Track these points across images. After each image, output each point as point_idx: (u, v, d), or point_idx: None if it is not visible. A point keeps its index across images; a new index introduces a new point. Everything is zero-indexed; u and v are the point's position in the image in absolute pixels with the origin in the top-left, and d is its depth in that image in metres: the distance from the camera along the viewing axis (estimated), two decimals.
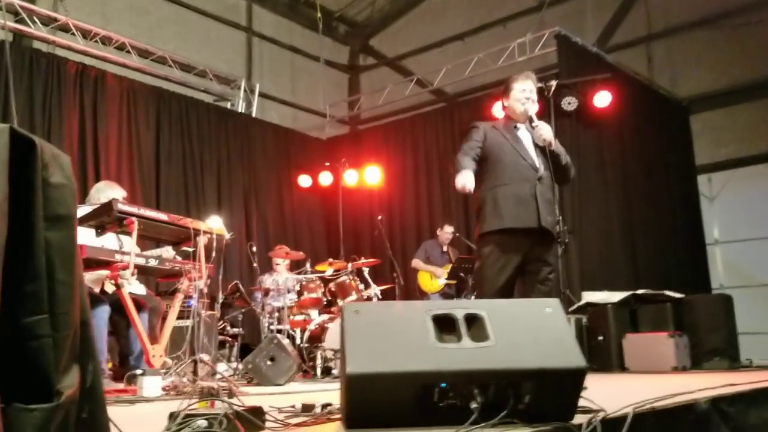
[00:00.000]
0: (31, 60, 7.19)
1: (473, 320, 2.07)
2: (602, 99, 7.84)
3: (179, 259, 5.73)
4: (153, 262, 4.18)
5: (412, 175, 9.73)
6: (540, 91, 7.86)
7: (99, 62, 7.98)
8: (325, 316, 6.66)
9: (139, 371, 3.89)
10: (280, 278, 7.47)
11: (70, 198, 1.10)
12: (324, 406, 2.38)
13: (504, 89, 4.09)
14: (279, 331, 6.51)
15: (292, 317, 6.69)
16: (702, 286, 9.48)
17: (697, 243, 9.72)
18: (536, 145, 3.95)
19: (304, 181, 9.95)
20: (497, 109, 8.39)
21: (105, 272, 4.15)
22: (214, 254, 4.91)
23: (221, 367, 6.54)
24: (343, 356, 1.96)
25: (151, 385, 3.73)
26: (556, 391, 1.99)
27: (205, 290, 4.68)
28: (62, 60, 7.50)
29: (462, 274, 7.30)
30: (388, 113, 10.60)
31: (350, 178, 9.72)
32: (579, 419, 2.03)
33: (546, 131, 3.91)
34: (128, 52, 8.18)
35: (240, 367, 6.70)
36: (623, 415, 2.22)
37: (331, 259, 7.00)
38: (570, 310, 7.10)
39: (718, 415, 2.94)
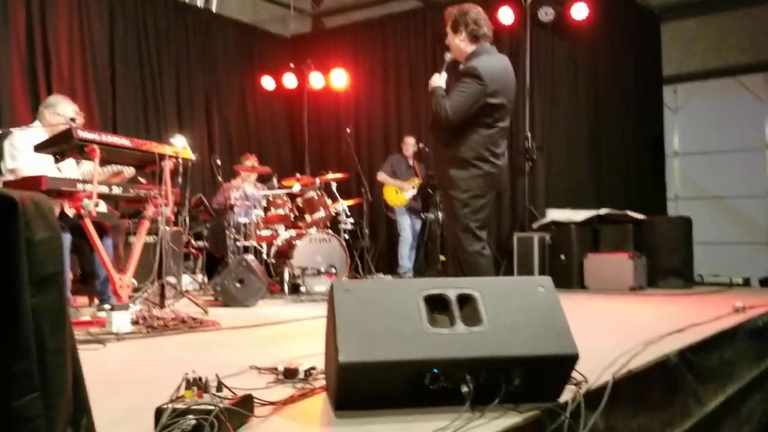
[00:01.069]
0: None
1: (466, 300, 2.04)
2: (579, 11, 7.60)
3: (143, 182, 5.57)
4: (117, 190, 4.01)
5: (380, 81, 9.44)
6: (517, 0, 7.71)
7: None
8: (293, 232, 6.61)
9: (107, 306, 3.81)
10: (247, 189, 7.33)
11: (57, 251, 0.98)
12: (307, 372, 2.36)
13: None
14: (245, 249, 6.46)
15: (258, 232, 6.62)
16: (659, 196, 9.70)
17: (657, 154, 9.81)
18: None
19: (268, 83, 9.58)
20: None
21: None
22: (180, 178, 4.76)
23: (186, 279, 6.53)
24: (333, 341, 1.91)
25: (120, 320, 3.66)
26: (547, 374, 2.00)
27: (172, 217, 4.53)
28: None
29: (429, 191, 7.26)
30: (355, 5, 10.10)
31: (316, 81, 9.41)
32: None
33: (431, 81, 3.92)
34: None
35: (205, 280, 6.70)
36: (604, 384, 2.26)
37: (298, 175, 6.87)
38: (534, 227, 7.20)
39: (685, 366, 3.04)
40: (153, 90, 8.23)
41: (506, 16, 7.88)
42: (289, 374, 2.37)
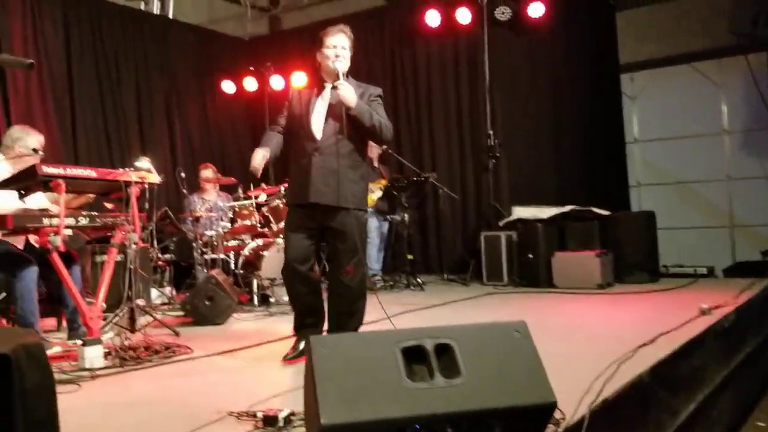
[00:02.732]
0: None
1: (443, 350, 2.08)
2: (536, 9, 7.67)
3: (109, 206, 5.50)
4: (84, 221, 3.96)
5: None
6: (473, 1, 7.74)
7: None
8: (259, 241, 6.60)
9: (79, 341, 3.77)
10: (210, 199, 7.28)
11: (50, 393, 0.99)
12: (287, 419, 2.38)
13: (317, 42, 3.81)
14: (213, 261, 6.44)
15: (225, 243, 6.59)
16: (621, 184, 9.87)
17: (618, 142, 9.98)
18: (341, 108, 3.64)
19: (228, 86, 9.49)
20: (431, 18, 8.13)
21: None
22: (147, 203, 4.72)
23: (154, 293, 6.48)
24: (314, 399, 1.93)
25: (92, 355, 3.64)
26: (527, 421, 2.05)
27: (140, 243, 4.49)
28: None
29: (395, 192, 7.29)
30: (307, 5, 10.01)
31: (276, 83, 9.34)
32: None
33: (346, 92, 3.60)
34: None
35: (174, 293, 6.66)
36: (580, 419, 2.34)
37: (263, 185, 6.84)
38: (501, 224, 7.29)
39: (657, 381, 3.14)
40: (112, 100, 8.09)
41: (463, 16, 7.93)
42: (269, 421, 2.39)
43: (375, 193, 7.83)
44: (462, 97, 8.32)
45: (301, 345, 3.58)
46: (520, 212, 7.18)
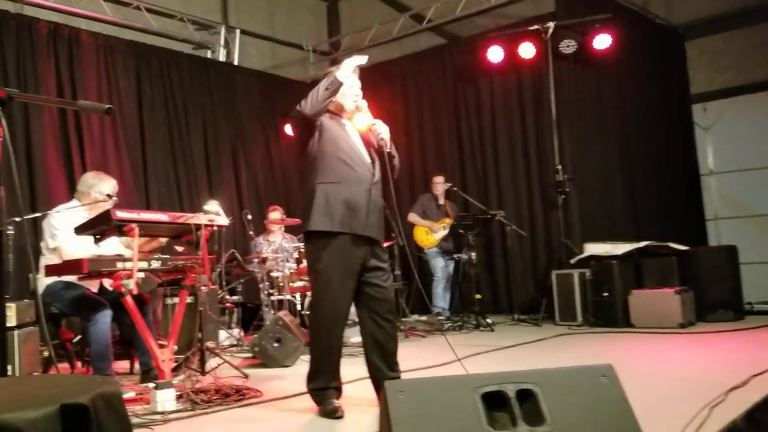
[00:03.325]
0: None
1: (526, 397, 1.96)
2: (602, 41, 7.53)
3: (179, 249, 5.58)
4: (156, 264, 4.00)
5: (402, 121, 9.43)
6: (537, 33, 7.66)
7: (71, 18, 7.50)
8: None
9: (151, 384, 3.78)
10: (276, 240, 7.32)
11: None
12: None
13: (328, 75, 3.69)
14: (279, 302, 6.44)
15: (291, 284, 6.59)
16: (697, 218, 9.50)
17: (692, 174, 9.64)
18: (377, 145, 3.57)
19: (291, 129, 9.63)
20: (494, 54, 8.09)
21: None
22: (216, 245, 4.76)
23: (222, 335, 6.50)
24: None
25: (164, 398, 3.63)
26: None
27: (210, 285, 4.51)
28: (32, 20, 7.02)
29: (461, 231, 7.17)
30: (369, 45, 10.11)
31: None
32: None
33: (385, 131, 3.58)
34: None
35: (242, 334, 6.68)
36: None
37: None
38: (572, 262, 7.07)
39: (753, 427, 2.91)
40: (181, 145, 8.31)
41: (527, 50, 7.85)
42: None
43: (438, 233, 7.75)
44: (528, 132, 8.20)
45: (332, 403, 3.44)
46: (593, 249, 6.95)
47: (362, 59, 3.59)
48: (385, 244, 6.98)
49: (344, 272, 3.39)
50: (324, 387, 3.50)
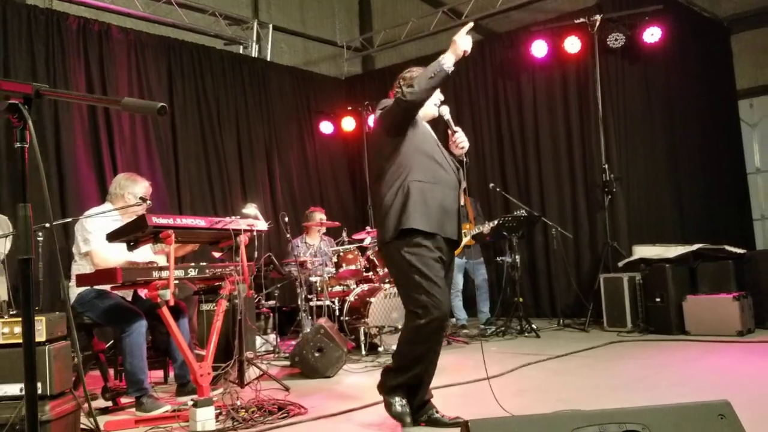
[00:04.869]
0: (28, 18, 6.56)
1: None
2: (652, 34, 7.18)
3: (216, 256, 5.37)
4: (193, 272, 3.78)
5: (440, 120, 9.12)
6: (583, 27, 7.33)
7: (101, 14, 7.33)
8: (365, 286, 6.35)
9: (190, 401, 3.55)
10: (314, 243, 7.08)
11: None
12: None
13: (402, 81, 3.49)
14: (319, 308, 6.21)
15: (330, 288, 6.36)
16: (744, 217, 9.11)
17: (738, 172, 9.25)
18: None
19: (326, 127, 9.40)
20: (538, 48, 7.77)
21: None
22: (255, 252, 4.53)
23: (258, 341, 6.29)
24: None
25: (204, 416, 3.41)
26: None
27: (249, 293, 4.28)
28: (62, 15, 6.85)
29: (505, 233, 6.86)
30: (405, 41, 9.82)
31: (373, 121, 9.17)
32: None
33: (465, 139, 3.42)
34: None
35: (278, 340, 6.46)
36: None
37: (368, 228, 6.59)
38: (620, 265, 6.75)
39: None
40: (214, 145, 8.10)
41: (573, 45, 7.52)
42: None
43: (465, 237, 7.42)
44: (572, 129, 7.86)
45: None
46: (643, 251, 6.61)
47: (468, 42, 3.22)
48: None
49: (442, 274, 3.19)
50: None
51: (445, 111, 3.47)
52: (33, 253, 1.71)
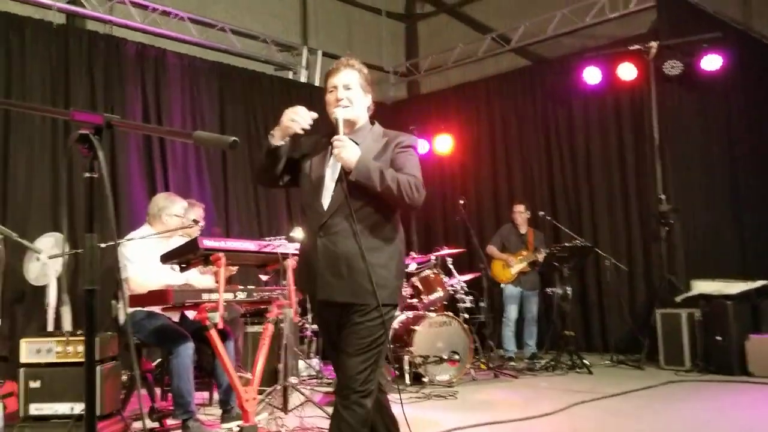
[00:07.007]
0: (89, 43, 6.71)
1: None
2: (711, 62, 6.98)
3: (263, 278, 5.33)
4: (241, 295, 3.73)
5: (487, 146, 9.01)
6: (638, 53, 7.17)
7: (157, 39, 7.46)
8: (409, 314, 6.24)
9: (236, 428, 3.48)
10: None
11: None
12: None
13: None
14: None
15: None
16: None
17: None
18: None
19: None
20: (590, 75, 7.64)
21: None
22: None
23: (301, 365, 6.21)
24: None
25: None
26: None
27: (297, 319, 4.22)
28: (121, 41, 6.99)
29: (556, 264, 6.68)
30: (451, 66, 9.77)
31: (420, 146, 9.12)
32: None
33: (345, 151, 2.64)
34: (181, 19, 7.61)
35: (321, 365, 6.38)
36: None
37: (413, 253, 6.50)
38: (678, 300, 6.51)
39: None
40: None
41: (627, 71, 7.36)
42: None
43: (515, 267, 7.27)
44: (626, 158, 7.66)
45: None
46: (702, 287, 6.35)
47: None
48: (472, 276, 6.67)
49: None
50: None
51: (339, 115, 2.79)
52: (96, 283, 1.68)
